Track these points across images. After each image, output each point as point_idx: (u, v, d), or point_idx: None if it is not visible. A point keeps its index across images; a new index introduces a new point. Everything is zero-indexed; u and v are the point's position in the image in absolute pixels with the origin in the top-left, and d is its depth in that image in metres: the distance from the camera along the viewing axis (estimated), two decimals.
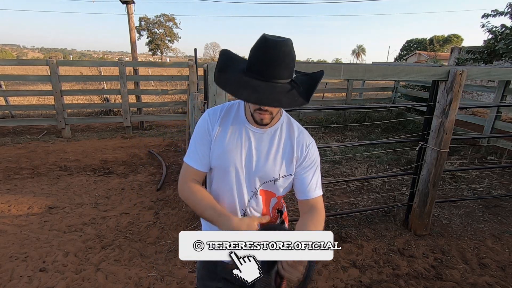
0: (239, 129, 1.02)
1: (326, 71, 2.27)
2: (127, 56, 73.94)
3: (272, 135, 1.03)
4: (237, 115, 1.04)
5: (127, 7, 7.66)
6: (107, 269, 2.34)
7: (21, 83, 12.33)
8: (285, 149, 1.03)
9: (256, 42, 0.87)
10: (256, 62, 0.86)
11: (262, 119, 0.94)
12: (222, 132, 1.02)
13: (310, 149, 1.05)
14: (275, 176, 1.02)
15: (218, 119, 1.03)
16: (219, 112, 1.05)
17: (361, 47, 73.62)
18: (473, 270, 2.44)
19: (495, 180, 4.26)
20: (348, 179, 3.68)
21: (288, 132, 1.05)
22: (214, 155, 1.02)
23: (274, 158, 1.02)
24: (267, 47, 0.84)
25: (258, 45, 0.86)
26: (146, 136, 6.30)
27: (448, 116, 2.52)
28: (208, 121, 1.03)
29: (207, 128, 1.03)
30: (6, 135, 6.02)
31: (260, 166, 1.00)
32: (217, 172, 1.05)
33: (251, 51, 0.88)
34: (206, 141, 1.03)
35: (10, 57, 55.34)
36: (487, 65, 6.01)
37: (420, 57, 28.24)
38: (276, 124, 1.04)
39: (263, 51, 0.85)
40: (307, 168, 1.05)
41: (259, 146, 1.01)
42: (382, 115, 7.67)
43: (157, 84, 12.38)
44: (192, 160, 1.05)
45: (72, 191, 3.67)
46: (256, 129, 1.02)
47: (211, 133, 1.02)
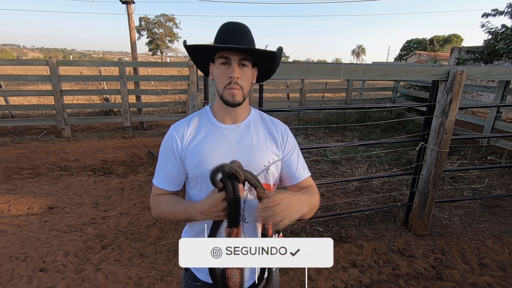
0: (212, 131, 1.00)
1: (326, 71, 2.29)
2: (127, 56, 73.93)
3: (247, 128, 1.02)
4: (206, 119, 1.02)
5: (127, 7, 7.66)
6: (107, 269, 2.34)
7: (21, 83, 12.33)
8: (265, 136, 1.03)
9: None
10: (221, 34, 0.93)
11: (233, 95, 0.92)
12: (195, 140, 0.99)
13: (288, 133, 1.07)
14: (265, 164, 1.00)
15: (186, 129, 1.00)
16: (186, 122, 1.02)
17: (361, 47, 73.59)
18: (473, 270, 2.44)
19: (495, 180, 4.26)
20: (348, 179, 3.69)
21: (262, 123, 1.06)
22: (192, 165, 0.97)
23: (258, 146, 1.00)
24: (228, 24, 0.95)
25: (220, 27, 0.95)
26: (146, 136, 6.30)
27: (448, 116, 2.52)
28: (174, 136, 0.99)
29: (173, 144, 0.99)
30: (6, 135, 6.02)
31: (247, 159, 0.97)
32: (201, 183, 0.99)
33: (216, 35, 0.95)
34: (171, 158, 1.00)
35: (10, 57, 55.33)
36: (487, 65, 6.01)
37: (420, 57, 28.23)
38: (248, 118, 1.04)
39: (226, 27, 0.94)
40: (290, 152, 1.05)
41: (238, 140, 0.99)
42: (382, 115, 7.67)
43: (157, 84, 12.38)
44: (158, 180, 1.02)
45: (72, 191, 3.67)
46: (230, 126, 1.01)
47: (179, 148, 0.99)
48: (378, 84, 10.89)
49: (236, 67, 0.90)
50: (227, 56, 0.90)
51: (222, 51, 0.90)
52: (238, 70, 0.91)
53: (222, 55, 0.91)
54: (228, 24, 0.94)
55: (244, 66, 0.93)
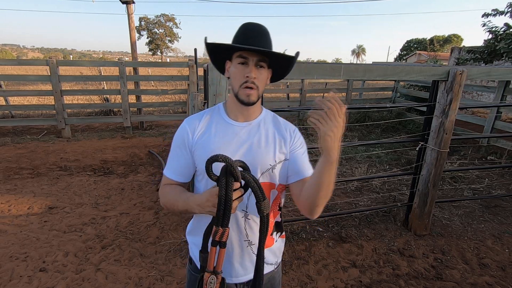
0: (224, 127, 1.02)
1: (326, 71, 2.28)
2: (127, 56, 73.92)
3: (257, 126, 1.04)
4: (219, 116, 1.04)
5: (127, 7, 7.65)
6: (107, 269, 2.34)
7: (21, 83, 12.34)
8: (274, 135, 1.04)
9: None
10: (240, 34, 0.94)
11: (249, 95, 0.94)
12: (206, 134, 1.01)
13: (296, 133, 1.09)
14: (271, 164, 1.01)
15: (198, 124, 1.03)
16: (199, 117, 1.05)
17: (361, 47, 73.57)
18: (473, 270, 2.44)
19: (495, 180, 4.26)
20: (348, 179, 3.68)
21: (272, 123, 1.07)
22: (201, 159, 0.98)
23: (266, 145, 1.01)
24: (247, 24, 0.96)
25: (240, 26, 0.97)
26: (146, 136, 6.30)
27: (448, 116, 2.52)
28: (186, 129, 1.02)
29: (184, 136, 1.02)
30: (6, 135, 6.02)
31: (254, 156, 0.99)
32: (208, 177, 1.00)
33: (235, 35, 0.96)
34: (182, 151, 1.02)
35: (10, 57, 55.34)
36: (487, 65, 6.01)
37: (420, 57, 28.21)
38: (259, 117, 1.06)
39: (245, 27, 0.95)
40: (297, 148, 1.06)
41: (247, 138, 1.01)
42: (382, 115, 7.67)
43: (157, 84, 12.38)
44: (168, 171, 1.05)
45: (72, 191, 3.67)
46: (241, 124, 1.02)
47: (190, 141, 1.01)
48: (378, 84, 10.90)
49: (253, 68, 0.93)
50: (245, 56, 0.92)
51: (241, 51, 0.92)
52: (255, 71, 0.93)
53: (241, 55, 0.93)
54: (247, 25, 0.96)
55: (261, 67, 0.94)
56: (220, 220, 0.81)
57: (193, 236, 1.09)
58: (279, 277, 1.17)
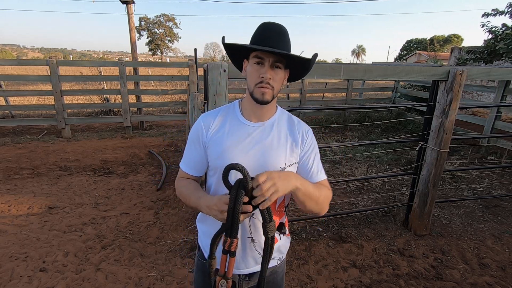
0: (237, 127, 1.03)
1: (326, 71, 2.28)
2: (127, 56, 73.94)
3: (270, 127, 1.04)
4: (233, 114, 1.05)
5: (127, 7, 7.65)
6: (107, 269, 2.34)
7: (21, 83, 12.33)
8: (286, 137, 1.04)
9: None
10: (257, 34, 0.94)
11: (263, 94, 0.94)
12: (220, 132, 1.02)
13: (309, 134, 1.09)
14: (282, 166, 1.01)
15: (213, 122, 1.04)
16: (214, 114, 1.06)
17: (361, 47, 73.61)
18: (473, 270, 2.44)
19: (495, 180, 4.26)
20: (348, 179, 3.68)
21: (286, 123, 1.07)
22: (214, 156, 1.01)
23: (277, 147, 1.02)
24: (266, 24, 0.96)
25: (259, 26, 0.97)
26: (146, 136, 6.30)
27: (448, 116, 2.52)
28: (201, 125, 1.04)
29: (199, 133, 1.04)
30: (6, 135, 6.02)
31: (265, 158, 1.00)
32: (219, 174, 1.03)
33: (253, 34, 0.96)
34: (197, 146, 1.05)
35: (10, 57, 55.32)
36: (487, 65, 6.01)
37: (420, 57, 28.20)
38: (273, 117, 1.06)
39: (263, 27, 0.95)
40: (306, 152, 1.06)
41: (260, 139, 1.01)
42: (382, 115, 7.67)
43: (157, 84, 12.38)
44: (184, 164, 1.10)
45: (72, 191, 3.67)
46: (254, 124, 1.03)
47: (204, 138, 1.03)
48: (378, 84, 10.89)
49: (268, 68, 0.93)
50: (261, 57, 0.93)
51: (257, 51, 0.93)
52: (270, 71, 0.93)
53: (257, 55, 0.93)
54: (266, 25, 0.96)
55: (277, 68, 0.95)
56: (229, 231, 0.85)
57: (202, 224, 1.12)
58: (282, 272, 1.17)
